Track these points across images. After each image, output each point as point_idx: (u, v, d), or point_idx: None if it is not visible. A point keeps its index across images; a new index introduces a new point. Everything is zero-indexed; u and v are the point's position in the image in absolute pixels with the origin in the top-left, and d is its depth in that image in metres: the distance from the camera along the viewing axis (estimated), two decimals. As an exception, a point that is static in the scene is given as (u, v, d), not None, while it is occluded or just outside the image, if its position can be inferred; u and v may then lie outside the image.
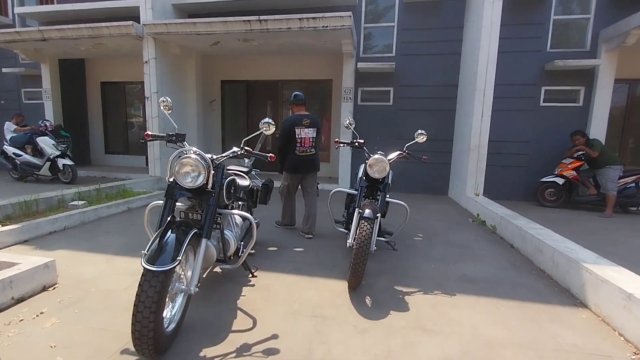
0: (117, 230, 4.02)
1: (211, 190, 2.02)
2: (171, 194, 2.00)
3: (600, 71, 6.13)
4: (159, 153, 6.77)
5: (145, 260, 1.60)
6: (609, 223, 5.11)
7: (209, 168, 1.94)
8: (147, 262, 1.59)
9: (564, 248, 2.92)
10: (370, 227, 2.42)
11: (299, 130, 3.78)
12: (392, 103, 7.11)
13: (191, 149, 2.00)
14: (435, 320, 2.25)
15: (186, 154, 1.90)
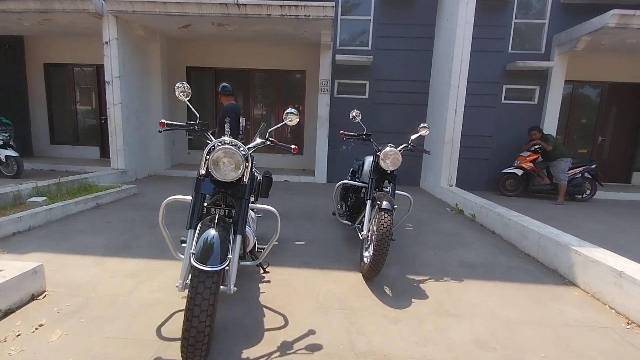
0: (93, 228, 3.64)
1: (245, 183, 1.90)
2: (203, 188, 1.85)
3: (553, 73, 6.78)
4: (122, 144, 6.21)
5: (196, 260, 1.47)
6: (562, 210, 5.72)
7: (247, 160, 1.82)
8: (198, 262, 1.46)
9: (549, 233, 3.22)
10: (391, 219, 2.46)
11: (242, 120, 4.34)
12: (368, 96, 7.23)
13: (226, 140, 1.86)
14: (455, 305, 2.37)
15: (225, 145, 1.76)
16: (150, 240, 3.36)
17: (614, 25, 5.40)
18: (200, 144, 8.55)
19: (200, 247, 1.53)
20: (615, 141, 8.08)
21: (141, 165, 6.79)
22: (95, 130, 8.32)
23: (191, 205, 1.85)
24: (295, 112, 2.32)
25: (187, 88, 2.05)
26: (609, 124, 8.05)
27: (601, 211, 5.74)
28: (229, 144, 1.80)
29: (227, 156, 1.75)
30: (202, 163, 1.87)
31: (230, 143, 1.80)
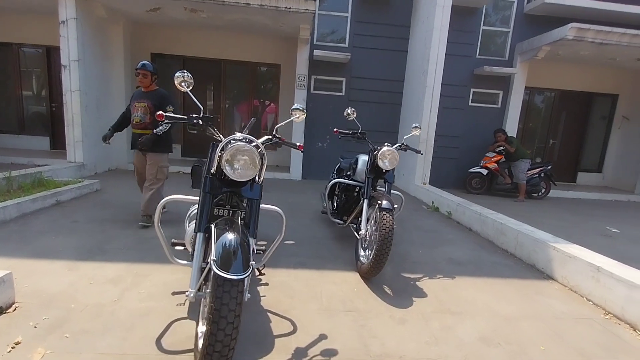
0: (57, 229, 3.27)
1: (258, 183, 1.78)
2: (212, 188, 1.70)
3: (515, 79, 7.24)
4: (80, 134, 5.65)
5: (219, 268, 1.35)
6: (523, 206, 6.15)
7: (262, 158, 1.70)
8: (221, 270, 1.34)
9: (526, 230, 3.43)
10: (392, 219, 2.47)
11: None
12: (344, 93, 7.24)
13: (238, 136, 1.72)
14: (454, 303, 2.43)
15: (242, 143, 1.62)
16: (127, 242, 3.08)
17: (571, 37, 5.86)
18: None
19: (220, 252, 1.41)
20: (564, 144, 8.85)
21: (101, 158, 6.24)
22: (44, 119, 7.50)
23: (199, 206, 1.69)
24: (301, 107, 2.23)
25: (188, 77, 1.88)
26: (559, 128, 8.80)
27: (556, 208, 6.26)
28: (244, 140, 1.67)
29: (244, 154, 1.62)
30: (212, 161, 1.73)
31: (244, 139, 1.67)
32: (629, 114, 8.58)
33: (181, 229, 3.18)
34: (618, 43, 5.96)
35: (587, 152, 8.96)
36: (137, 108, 3.59)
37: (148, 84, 3.64)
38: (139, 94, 3.66)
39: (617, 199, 7.81)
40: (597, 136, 8.90)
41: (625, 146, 8.61)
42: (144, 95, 3.61)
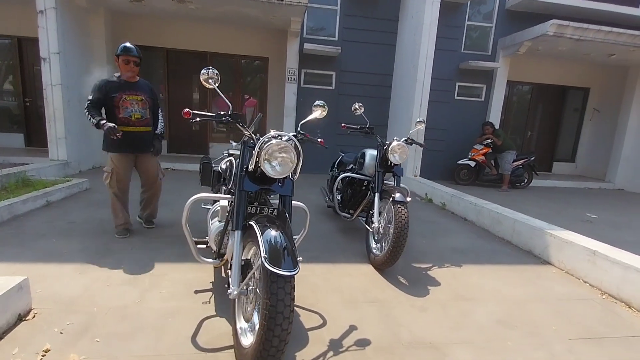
0: (55, 231, 3.13)
1: (292, 179, 1.79)
2: (247, 185, 1.70)
3: (497, 73, 7.50)
4: (63, 131, 5.38)
5: (271, 264, 1.36)
6: (508, 196, 6.43)
7: (299, 154, 1.70)
8: (273, 266, 1.36)
9: (522, 218, 3.62)
10: (407, 211, 2.54)
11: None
12: (334, 87, 7.25)
13: (272, 133, 1.72)
14: (467, 290, 2.55)
15: (277, 139, 1.62)
16: (134, 242, 3.00)
17: (552, 33, 6.13)
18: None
19: (268, 249, 1.42)
20: (540, 136, 9.29)
21: (85, 155, 5.97)
22: (17, 115, 7.06)
23: (235, 205, 1.69)
24: (322, 103, 2.25)
25: (214, 74, 1.85)
26: (536, 121, 9.22)
27: (537, 197, 6.59)
28: (280, 137, 1.66)
29: (283, 151, 1.63)
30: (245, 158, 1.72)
31: (280, 137, 1.67)
32: (600, 106, 9.09)
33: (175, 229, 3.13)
34: (594, 39, 6.29)
35: (562, 143, 9.44)
36: (130, 102, 3.01)
37: (137, 73, 3.09)
38: (124, 85, 3.01)
39: (589, 186, 8.31)
40: (570, 128, 9.39)
41: (596, 137, 9.14)
42: (134, 87, 3.05)
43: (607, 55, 7.28)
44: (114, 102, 2.97)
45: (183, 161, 6.98)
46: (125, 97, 3.00)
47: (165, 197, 4.51)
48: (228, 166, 2.01)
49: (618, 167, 8.27)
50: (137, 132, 3.09)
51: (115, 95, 2.96)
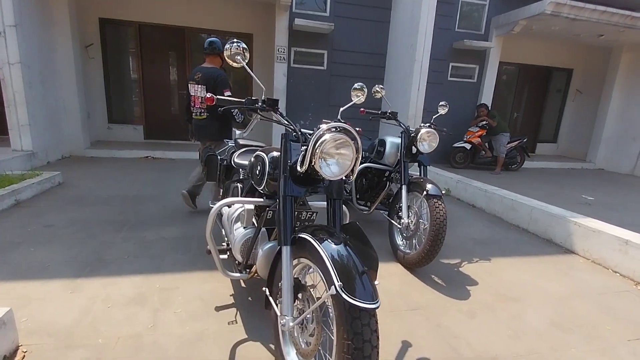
0: (32, 238, 2.67)
1: (346, 180, 1.48)
2: (292, 189, 1.38)
3: (491, 53, 7.36)
4: (26, 117, 4.70)
5: (349, 295, 1.07)
6: (502, 178, 6.41)
7: (358, 149, 1.39)
8: (353, 297, 1.07)
9: (539, 205, 3.51)
10: (445, 207, 2.32)
11: (190, 87, 3.17)
12: (326, 67, 6.84)
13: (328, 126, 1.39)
14: (506, 287, 2.40)
15: (338, 134, 1.30)
16: (127, 248, 2.61)
17: (549, 12, 6.00)
18: (125, 117, 7.10)
19: (340, 274, 1.13)
20: (525, 117, 9.37)
21: (52, 144, 5.31)
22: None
23: (280, 214, 1.37)
24: (359, 86, 1.94)
25: (240, 48, 1.49)
26: (522, 102, 9.27)
27: (530, 179, 6.63)
28: (338, 130, 1.34)
29: (342, 147, 1.32)
30: (289, 155, 1.40)
31: (338, 129, 1.35)
32: (582, 87, 9.25)
33: (171, 229, 2.75)
34: (588, 19, 6.23)
35: (545, 124, 9.59)
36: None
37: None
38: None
39: (572, 167, 8.52)
40: (553, 109, 9.54)
41: (578, 117, 9.33)
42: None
43: (597, 36, 7.30)
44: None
45: (163, 148, 6.42)
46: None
47: (151, 191, 4.07)
48: (253, 162, 1.67)
49: (599, 147, 8.49)
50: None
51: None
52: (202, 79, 3.06)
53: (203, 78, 3.06)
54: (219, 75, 3.08)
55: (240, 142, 2.49)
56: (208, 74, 3.07)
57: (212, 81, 3.05)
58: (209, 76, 3.06)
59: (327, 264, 1.16)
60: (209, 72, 3.09)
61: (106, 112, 6.89)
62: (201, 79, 3.07)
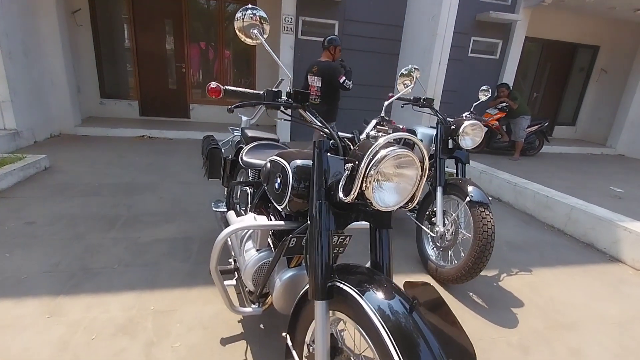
0: (8, 238, 2.32)
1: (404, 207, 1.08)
2: (330, 222, 1.01)
3: (517, 27, 6.74)
4: (7, 91, 4.23)
5: None
6: (521, 165, 6.02)
7: (424, 169, 0.99)
8: None
9: (580, 205, 3.15)
10: (492, 217, 1.95)
11: (308, 77, 3.71)
12: (337, 40, 6.24)
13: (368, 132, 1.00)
14: (555, 309, 2.08)
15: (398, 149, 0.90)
16: (118, 254, 2.27)
17: (589, -19, 5.37)
18: (119, 91, 6.59)
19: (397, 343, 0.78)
20: (545, 97, 8.82)
21: (39, 121, 4.87)
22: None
23: (317, 256, 1.00)
24: (406, 71, 1.51)
25: (257, 18, 1.07)
26: (542, 81, 8.69)
27: (550, 165, 6.23)
28: (397, 142, 0.95)
29: (404, 166, 0.93)
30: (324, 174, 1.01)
31: (398, 141, 0.96)
32: (608, 66, 8.64)
33: (168, 228, 2.40)
34: (630, -10, 5.60)
35: (564, 105, 9.06)
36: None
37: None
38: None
39: (592, 152, 8.09)
40: (575, 89, 8.97)
41: (600, 99, 8.79)
42: None
43: (633, 10, 6.65)
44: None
45: (161, 126, 5.98)
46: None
47: (147, 178, 3.70)
48: (269, 170, 1.27)
49: (621, 131, 8.02)
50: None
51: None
52: (318, 72, 3.58)
53: (319, 71, 3.57)
54: (332, 65, 3.57)
55: (249, 133, 2.08)
56: (323, 66, 3.56)
57: (327, 72, 3.52)
58: (324, 68, 3.54)
59: (387, 344, 0.80)
60: (324, 65, 3.58)
61: (98, 85, 6.38)
62: (318, 71, 3.58)
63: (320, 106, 3.68)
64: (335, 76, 3.48)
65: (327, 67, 3.55)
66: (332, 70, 3.51)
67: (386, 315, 0.85)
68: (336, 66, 3.55)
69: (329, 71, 3.52)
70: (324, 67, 3.57)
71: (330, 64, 3.60)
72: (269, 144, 1.99)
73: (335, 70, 3.51)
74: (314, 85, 3.64)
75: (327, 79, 3.53)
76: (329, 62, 3.62)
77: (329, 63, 3.60)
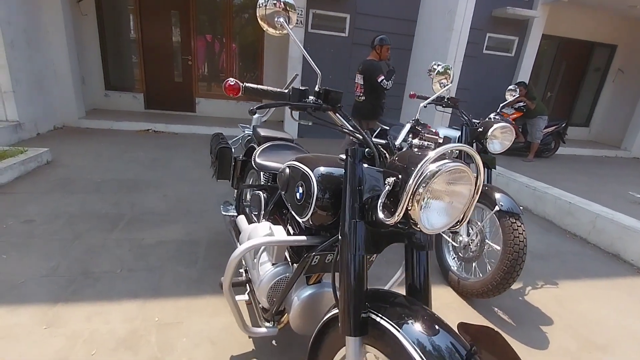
0: (6, 238, 2.21)
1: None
2: (366, 245, 0.87)
3: (534, 24, 6.51)
4: (9, 82, 4.10)
5: None
6: (536, 167, 5.84)
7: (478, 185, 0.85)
8: None
9: (606, 213, 2.99)
10: (524, 229, 1.80)
11: (356, 76, 3.88)
12: (348, 34, 6.07)
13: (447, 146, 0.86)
14: (589, 328, 1.93)
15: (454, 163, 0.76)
16: (121, 256, 2.14)
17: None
18: (124, 83, 6.46)
19: None
20: (559, 97, 8.59)
21: (42, 113, 4.75)
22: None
23: (350, 284, 0.86)
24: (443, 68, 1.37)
25: (281, 4, 0.93)
26: (557, 80, 8.45)
27: (565, 168, 6.04)
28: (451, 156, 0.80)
29: (458, 181, 0.79)
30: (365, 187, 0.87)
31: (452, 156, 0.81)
32: (625, 66, 8.38)
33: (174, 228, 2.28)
34: (656, -14, 5.36)
35: (579, 106, 8.82)
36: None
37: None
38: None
39: (606, 154, 7.88)
40: (590, 89, 8.72)
41: (616, 100, 8.55)
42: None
43: (656, 8, 6.40)
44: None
45: (166, 120, 5.85)
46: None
47: (151, 174, 3.58)
48: (288, 176, 1.13)
49: (638, 134, 7.79)
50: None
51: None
52: (362, 70, 3.72)
53: (362, 69, 3.72)
54: (373, 64, 3.69)
55: (262, 132, 1.94)
56: (366, 65, 3.70)
57: (367, 70, 3.65)
58: (366, 67, 3.68)
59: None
60: (366, 63, 3.72)
61: (103, 77, 6.25)
62: (361, 70, 3.73)
63: (364, 103, 3.82)
64: (374, 75, 3.58)
65: (369, 65, 3.67)
66: (372, 69, 3.61)
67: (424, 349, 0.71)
68: (377, 65, 3.66)
69: (369, 69, 3.63)
70: (366, 65, 3.70)
71: (371, 62, 3.71)
72: (283, 145, 1.85)
73: (376, 69, 3.60)
74: (359, 83, 3.79)
75: (368, 77, 3.65)
76: (372, 61, 3.73)
77: (371, 62, 3.72)
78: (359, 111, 3.92)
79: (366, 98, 3.79)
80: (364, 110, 3.86)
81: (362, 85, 3.75)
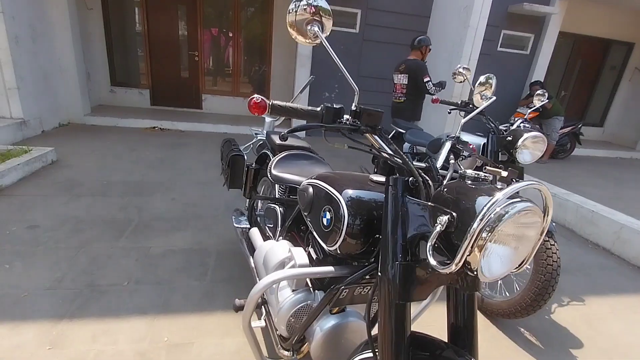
0: (10, 245, 2.13)
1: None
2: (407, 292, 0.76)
3: (550, 20, 6.29)
4: (14, 78, 4.01)
5: None
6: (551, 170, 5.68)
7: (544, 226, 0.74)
8: None
9: (631, 222, 2.85)
10: (558, 248, 1.68)
11: (394, 76, 3.75)
12: (359, 30, 5.90)
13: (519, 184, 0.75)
14: (621, 351, 1.82)
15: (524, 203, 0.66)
16: (129, 267, 2.05)
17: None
18: (130, 79, 6.35)
19: None
20: (573, 96, 8.37)
21: (47, 110, 4.67)
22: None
23: (392, 334, 0.75)
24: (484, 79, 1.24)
25: (312, 9, 0.83)
26: (572, 79, 8.22)
27: (581, 170, 5.88)
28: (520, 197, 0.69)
29: (528, 220, 0.69)
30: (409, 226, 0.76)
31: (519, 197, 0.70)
32: (642, 65, 8.13)
33: (184, 235, 2.17)
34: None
35: (593, 105, 8.59)
36: None
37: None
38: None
39: (620, 156, 7.68)
40: (605, 88, 8.48)
41: (632, 100, 8.31)
42: None
43: (680, 5, 6.15)
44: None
45: (172, 117, 5.75)
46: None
47: (159, 176, 3.48)
48: (312, 198, 1.02)
49: (654, 135, 7.59)
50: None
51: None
52: (405, 69, 3.59)
53: (406, 69, 3.58)
54: (419, 63, 3.55)
55: (277, 140, 1.83)
56: (411, 64, 3.57)
57: (414, 70, 3.51)
58: (412, 65, 3.54)
59: None
60: (411, 62, 3.58)
61: (108, 73, 6.15)
62: (405, 69, 3.59)
63: (404, 105, 3.69)
64: (420, 75, 3.46)
65: (415, 64, 3.53)
66: (419, 68, 3.48)
67: None
68: (423, 65, 3.54)
69: (416, 69, 3.50)
70: (411, 64, 3.55)
71: (417, 61, 3.57)
72: (301, 154, 1.74)
73: (423, 69, 3.49)
74: (400, 83, 3.65)
75: (413, 77, 3.52)
76: (417, 60, 3.58)
77: (417, 61, 3.57)
78: (400, 113, 3.72)
79: (407, 99, 3.64)
80: (406, 112, 3.68)
81: (405, 85, 3.59)
